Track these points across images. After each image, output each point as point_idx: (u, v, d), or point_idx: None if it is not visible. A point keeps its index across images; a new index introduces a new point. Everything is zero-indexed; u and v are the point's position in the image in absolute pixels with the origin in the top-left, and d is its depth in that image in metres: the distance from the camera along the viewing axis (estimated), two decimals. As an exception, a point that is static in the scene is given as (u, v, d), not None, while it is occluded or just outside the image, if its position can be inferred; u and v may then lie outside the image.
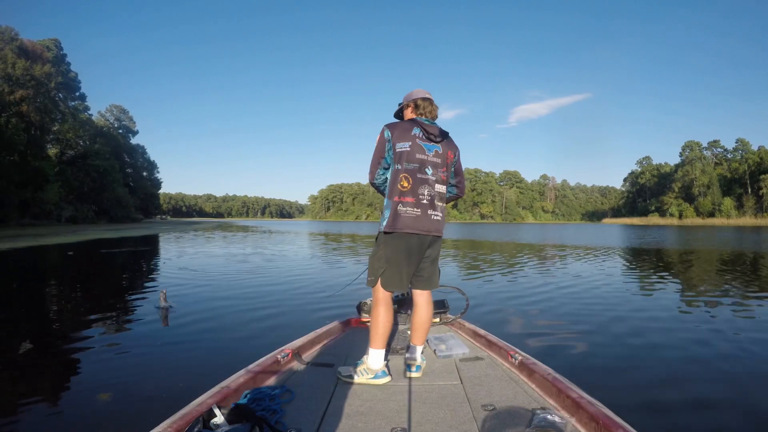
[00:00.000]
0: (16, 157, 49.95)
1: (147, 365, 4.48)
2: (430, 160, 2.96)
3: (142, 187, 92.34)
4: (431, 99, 3.15)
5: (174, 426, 2.00)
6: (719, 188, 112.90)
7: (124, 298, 8.49)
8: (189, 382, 3.93)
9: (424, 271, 3.09)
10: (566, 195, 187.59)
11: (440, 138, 3.02)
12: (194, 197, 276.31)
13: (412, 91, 3.19)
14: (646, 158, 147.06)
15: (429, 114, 3.10)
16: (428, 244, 3.01)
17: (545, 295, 8.95)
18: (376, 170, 3.05)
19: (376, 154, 3.01)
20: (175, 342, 5.30)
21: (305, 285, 9.94)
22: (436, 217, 2.98)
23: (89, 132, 71.78)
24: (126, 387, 3.89)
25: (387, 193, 3.00)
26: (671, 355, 5.06)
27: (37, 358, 4.81)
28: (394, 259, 2.92)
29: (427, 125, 2.99)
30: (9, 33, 54.59)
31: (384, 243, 2.95)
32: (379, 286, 2.93)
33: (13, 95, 51.41)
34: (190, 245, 24.16)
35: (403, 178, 2.90)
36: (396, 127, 2.98)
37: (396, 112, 3.32)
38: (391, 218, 2.89)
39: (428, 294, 3.16)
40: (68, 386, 4.03)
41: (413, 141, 2.93)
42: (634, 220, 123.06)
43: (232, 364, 4.01)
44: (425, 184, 2.93)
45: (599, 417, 2.12)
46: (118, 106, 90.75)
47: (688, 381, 4.26)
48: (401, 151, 2.91)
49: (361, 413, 2.44)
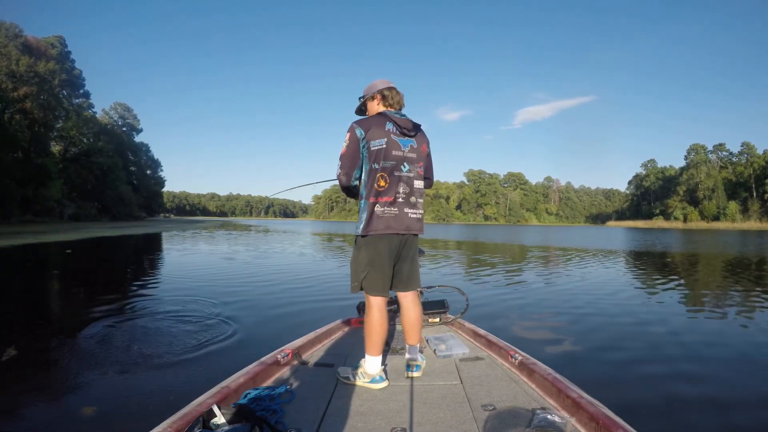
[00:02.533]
0: (19, 153, 50.10)
1: (146, 365, 4.47)
2: (407, 156, 2.84)
3: (146, 186, 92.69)
4: (395, 87, 2.99)
5: (174, 426, 2.00)
6: (724, 192, 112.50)
7: (119, 296, 8.36)
8: (189, 382, 3.93)
9: (402, 273, 2.96)
10: (570, 197, 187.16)
11: (414, 132, 2.89)
12: (198, 196, 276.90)
13: (373, 82, 3.02)
14: (650, 161, 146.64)
15: (397, 104, 2.95)
16: (405, 243, 2.91)
17: (546, 295, 8.95)
18: (353, 172, 2.85)
19: (350, 155, 2.81)
20: (174, 342, 5.28)
21: (305, 285, 9.94)
22: (414, 214, 2.88)
23: (93, 129, 72.03)
24: (126, 387, 3.88)
25: (363, 193, 2.83)
26: (671, 355, 5.06)
27: (23, 361, 4.75)
28: (376, 261, 2.82)
29: (398, 119, 2.84)
30: (13, 30, 54.89)
31: (364, 246, 2.84)
32: (372, 292, 2.84)
33: (16, 92, 51.66)
34: (190, 244, 24.22)
35: (380, 177, 2.76)
36: (368, 124, 2.81)
37: (358, 107, 3.12)
38: (368, 220, 2.78)
39: (413, 294, 3.05)
40: (68, 386, 4.02)
41: (388, 137, 2.79)
42: (639, 223, 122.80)
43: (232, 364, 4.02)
44: (402, 182, 2.82)
45: (599, 417, 2.12)
46: (123, 104, 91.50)
47: (688, 381, 4.26)
48: (376, 149, 2.76)
49: (361, 413, 2.44)
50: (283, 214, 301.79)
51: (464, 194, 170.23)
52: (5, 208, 45.37)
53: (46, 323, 6.44)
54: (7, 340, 5.42)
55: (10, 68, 51.56)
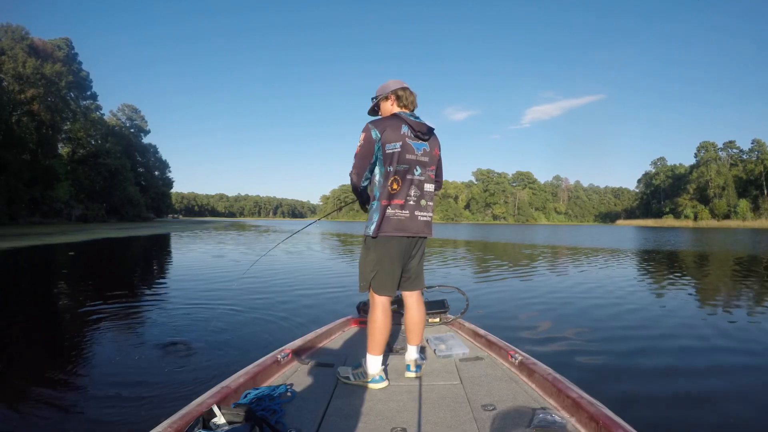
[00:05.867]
0: (27, 155, 50.44)
1: (146, 365, 4.49)
2: (419, 160, 2.85)
3: (154, 186, 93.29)
4: (409, 88, 2.98)
5: (174, 426, 2.01)
6: (735, 190, 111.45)
7: (119, 297, 8.23)
8: (189, 382, 3.94)
9: (410, 272, 2.99)
10: (579, 196, 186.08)
11: (428, 135, 2.89)
12: (206, 197, 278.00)
13: (387, 83, 3.01)
14: (660, 159, 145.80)
15: (411, 104, 2.95)
16: (414, 245, 2.94)
17: (546, 296, 8.94)
18: (364, 173, 2.86)
19: (364, 155, 2.81)
20: (174, 342, 5.28)
21: (305, 285, 9.93)
22: (423, 217, 2.89)
23: (101, 131, 72.48)
24: (125, 387, 3.90)
25: (376, 195, 2.86)
26: (673, 355, 5.05)
27: (23, 362, 4.78)
28: (384, 262, 2.83)
29: (414, 122, 2.84)
30: (20, 32, 55.35)
31: (373, 247, 2.85)
32: (380, 292, 2.86)
33: (23, 94, 52.04)
34: (193, 244, 24.33)
35: (393, 180, 2.78)
36: (383, 125, 2.80)
37: (371, 107, 3.10)
38: (380, 222, 2.79)
39: (418, 294, 3.07)
40: (66, 387, 4.03)
41: (403, 141, 2.79)
42: (648, 221, 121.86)
43: (232, 364, 4.03)
44: (413, 185, 2.83)
45: (599, 417, 2.11)
46: (130, 105, 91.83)
47: (690, 381, 4.25)
48: (392, 153, 2.77)
49: (361, 413, 2.45)
50: (292, 214, 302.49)
51: (473, 194, 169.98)
52: (13, 209, 45.76)
53: (44, 325, 6.44)
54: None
55: (17, 70, 51.95)
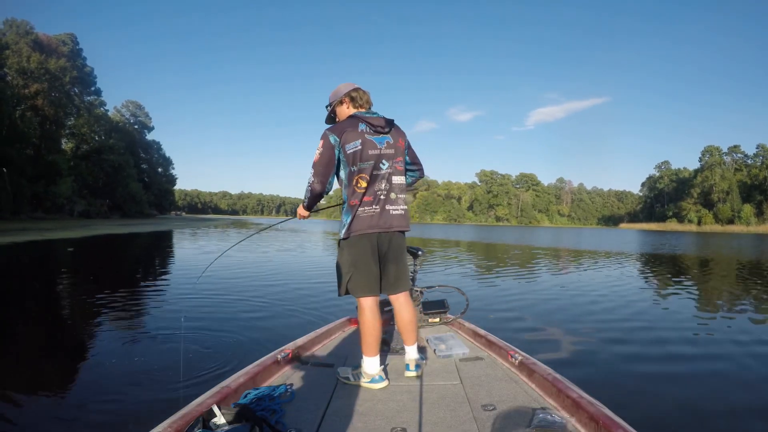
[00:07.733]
0: (30, 150, 50.53)
1: (146, 365, 4.47)
2: (384, 153, 2.82)
3: (157, 183, 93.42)
4: (361, 87, 2.96)
5: (174, 426, 2.01)
6: (739, 195, 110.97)
7: (117, 295, 8.16)
8: (189, 382, 3.93)
9: (389, 275, 2.91)
10: (582, 199, 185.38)
11: (388, 128, 2.87)
12: (209, 194, 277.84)
13: (337, 88, 2.99)
14: (664, 163, 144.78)
15: (366, 103, 2.94)
16: (389, 241, 2.88)
17: (546, 296, 8.97)
18: (327, 180, 2.82)
19: (324, 163, 2.78)
20: (173, 342, 5.27)
21: (306, 285, 9.96)
22: (396, 211, 2.86)
23: (104, 127, 72.81)
24: (125, 387, 3.89)
25: (345, 197, 2.85)
26: (674, 356, 5.07)
27: (20, 363, 4.74)
28: (359, 261, 2.80)
29: (370, 118, 2.83)
30: (24, 27, 55.54)
31: (346, 248, 2.84)
32: (358, 293, 2.84)
33: (27, 89, 52.19)
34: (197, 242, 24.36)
35: (359, 179, 2.77)
36: (341, 129, 2.79)
37: (328, 115, 3.08)
38: (351, 222, 2.78)
39: (404, 295, 3.01)
40: (66, 387, 4.04)
41: (362, 138, 2.77)
42: (652, 225, 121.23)
43: (232, 364, 4.03)
44: (381, 179, 2.81)
45: (599, 417, 2.11)
46: (134, 101, 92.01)
47: (690, 381, 4.27)
48: (353, 152, 2.75)
49: (361, 413, 2.45)
50: (294, 212, 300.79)
51: (476, 195, 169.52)
52: (15, 204, 45.81)
53: (41, 325, 6.42)
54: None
55: (21, 65, 52.10)
